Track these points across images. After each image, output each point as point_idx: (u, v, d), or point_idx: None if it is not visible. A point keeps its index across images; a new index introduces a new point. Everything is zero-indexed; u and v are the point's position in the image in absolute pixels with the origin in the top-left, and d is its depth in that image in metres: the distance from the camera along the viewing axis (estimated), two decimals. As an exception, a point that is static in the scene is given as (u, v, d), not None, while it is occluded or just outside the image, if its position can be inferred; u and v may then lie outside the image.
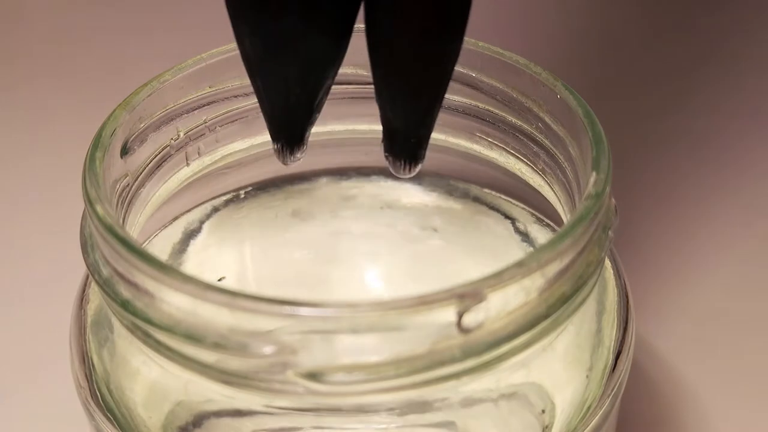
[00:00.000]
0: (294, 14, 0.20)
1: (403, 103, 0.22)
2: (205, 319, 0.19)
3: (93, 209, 0.21)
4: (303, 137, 0.23)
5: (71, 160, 0.29)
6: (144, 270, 0.20)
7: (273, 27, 0.20)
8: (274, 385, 0.19)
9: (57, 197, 0.39)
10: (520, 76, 0.25)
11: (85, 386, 0.23)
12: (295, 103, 0.22)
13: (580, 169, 0.23)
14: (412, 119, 0.22)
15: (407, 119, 0.22)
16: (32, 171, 0.44)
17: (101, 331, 0.23)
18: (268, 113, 0.22)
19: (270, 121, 0.22)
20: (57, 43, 0.51)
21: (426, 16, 0.20)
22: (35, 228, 0.41)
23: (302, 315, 0.18)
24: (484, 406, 0.22)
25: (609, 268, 0.25)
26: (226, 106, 0.26)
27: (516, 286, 0.19)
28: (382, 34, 0.21)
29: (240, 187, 0.29)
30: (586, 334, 0.23)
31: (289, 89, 0.22)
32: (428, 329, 0.19)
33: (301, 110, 0.22)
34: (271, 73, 0.21)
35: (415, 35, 0.20)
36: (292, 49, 0.21)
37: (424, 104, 0.22)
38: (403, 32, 0.20)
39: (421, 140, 0.22)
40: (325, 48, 0.21)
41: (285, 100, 0.22)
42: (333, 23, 0.21)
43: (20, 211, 0.42)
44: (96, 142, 0.23)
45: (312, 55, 0.21)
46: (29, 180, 0.43)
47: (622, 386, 0.23)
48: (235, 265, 0.29)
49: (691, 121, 0.45)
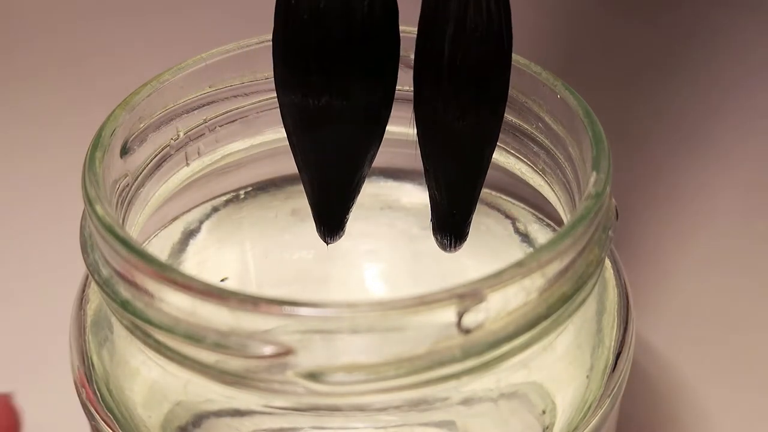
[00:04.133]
0: (333, 112, 0.22)
1: (455, 190, 0.23)
2: (205, 319, 0.19)
3: (93, 209, 0.21)
4: (342, 226, 0.24)
5: (71, 159, 0.29)
6: (144, 270, 0.20)
7: (316, 124, 0.22)
8: (273, 385, 0.19)
9: (57, 197, 0.39)
10: (520, 76, 0.25)
11: (85, 386, 0.23)
12: (335, 196, 0.24)
13: (580, 169, 0.23)
14: (462, 202, 0.24)
15: (458, 202, 0.23)
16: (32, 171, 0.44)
17: (101, 331, 0.23)
18: (312, 204, 0.24)
19: (314, 210, 0.24)
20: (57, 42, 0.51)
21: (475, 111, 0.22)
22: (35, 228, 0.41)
23: (302, 315, 0.18)
24: (485, 406, 0.22)
25: (609, 268, 0.25)
26: (226, 106, 0.26)
27: (516, 286, 0.19)
28: (435, 132, 0.22)
29: (240, 187, 0.29)
30: (586, 334, 0.23)
31: (330, 183, 0.23)
32: (428, 329, 0.19)
33: (341, 202, 0.24)
34: (316, 167, 0.23)
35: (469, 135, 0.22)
36: (332, 144, 0.23)
37: (473, 190, 0.23)
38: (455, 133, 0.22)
39: (468, 219, 0.24)
40: (360, 142, 0.23)
41: (327, 193, 0.24)
42: (368, 119, 0.23)
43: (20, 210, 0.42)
44: (96, 142, 0.23)
45: (348, 150, 0.23)
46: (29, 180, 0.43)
47: (622, 386, 0.23)
48: (234, 265, 0.29)
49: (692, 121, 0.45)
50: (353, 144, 0.23)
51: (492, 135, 0.23)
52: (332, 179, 0.23)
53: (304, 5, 0.21)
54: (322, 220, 0.24)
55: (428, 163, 0.23)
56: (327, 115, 0.22)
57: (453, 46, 0.21)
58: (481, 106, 0.22)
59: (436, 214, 0.24)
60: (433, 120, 0.22)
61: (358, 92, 0.22)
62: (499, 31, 0.21)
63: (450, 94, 0.21)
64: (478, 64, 0.21)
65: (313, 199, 0.24)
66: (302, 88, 0.22)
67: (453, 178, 0.23)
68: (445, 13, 0.21)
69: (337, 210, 0.24)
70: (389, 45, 0.22)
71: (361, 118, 0.22)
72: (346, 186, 0.24)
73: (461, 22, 0.21)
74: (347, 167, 0.23)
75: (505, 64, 0.22)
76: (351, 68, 0.21)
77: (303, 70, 0.22)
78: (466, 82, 0.21)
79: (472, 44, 0.21)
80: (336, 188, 0.24)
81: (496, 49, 0.21)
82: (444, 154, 0.23)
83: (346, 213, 0.24)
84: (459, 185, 0.23)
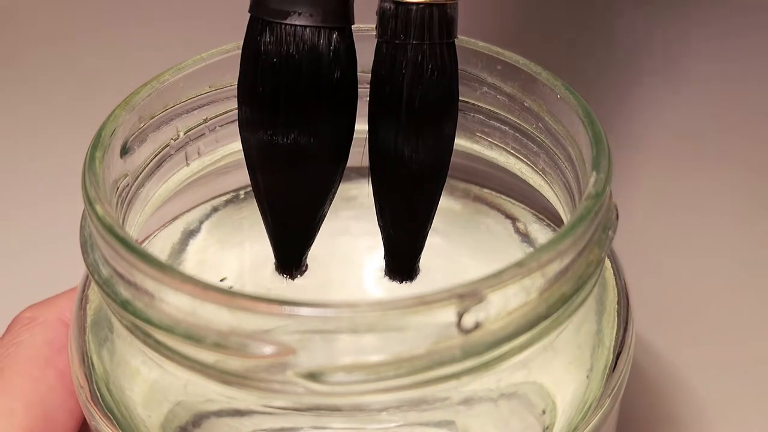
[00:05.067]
0: (301, 150, 0.23)
1: (405, 227, 0.25)
2: (205, 319, 0.19)
3: (92, 209, 0.21)
4: (301, 264, 0.25)
5: (71, 159, 0.29)
6: (143, 270, 0.20)
7: (285, 162, 0.23)
8: (273, 385, 0.19)
9: (57, 197, 0.39)
10: (520, 76, 0.25)
11: (85, 386, 0.23)
12: (296, 229, 0.25)
13: (580, 169, 0.23)
14: (411, 240, 0.25)
15: (407, 241, 0.25)
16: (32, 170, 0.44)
17: (101, 331, 0.23)
18: (273, 242, 0.25)
19: (274, 248, 0.25)
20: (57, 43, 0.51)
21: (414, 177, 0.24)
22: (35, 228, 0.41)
23: (302, 315, 0.18)
24: (485, 406, 0.22)
25: (609, 268, 0.25)
26: (225, 106, 0.26)
27: (516, 286, 0.19)
28: (383, 183, 0.24)
29: (240, 187, 0.29)
30: (586, 334, 0.23)
31: (293, 221, 0.24)
32: (428, 329, 0.19)
33: (301, 240, 0.25)
34: (280, 205, 0.24)
35: (408, 188, 0.24)
36: (299, 182, 0.24)
37: (423, 228, 0.25)
38: (400, 185, 0.24)
39: (416, 257, 0.25)
40: (326, 178, 0.24)
41: (288, 231, 0.25)
42: (334, 155, 0.24)
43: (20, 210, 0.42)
44: (96, 141, 0.23)
45: (311, 183, 0.24)
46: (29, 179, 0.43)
47: (622, 386, 0.23)
48: (234, 265, 0.29)
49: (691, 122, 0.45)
50: (319, 181, 0.24)
51: (442, 171, 0.24)
52: (295, 217, 0.24)
53: (272, 51, 0.22)
54: (281, 258, 0.25)
55: (381, 202, 0.24)
56: (295, 153, 0.23)
57: (410, 88, 0.22)
58: (434, 140, 0.23)
59: (387, 252, 0.25)
60: (389, 156, 0.23)
61: (325, 130, 0.23)
62: (450, 76, 0.23)
63: (408, 130, 0.23)
64: (432, 103, 0.23)
65: (274, 237, 0.25)
66: (271, 127, 0.23)
67: (404, 215, 0.24)
68: (403, 59, 0.22)
69: (297, 248, 0.25)
70: (351, 85, 0.23)
71: (328, 155, 0.23)
72: (308, 224, 0.24)
73: (418, 67, 0.22)
74: (311, 205, 0.24)
75: (454, 106, 0.23)
76: (318, 108, 0.23)
77: (272, 112, 0.23)
78: (422, 120, 0.23)
79: (428, 86, 0.23)
80: (298, 227, 0.24)
81: (449, 91, 0.23)
82: (397, 191, 0.24)
83: (305, 251, 0.25)
84: (409, 223, 0.24)
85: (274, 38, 0.22)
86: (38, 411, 0.24)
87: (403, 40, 0.22)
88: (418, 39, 0.22)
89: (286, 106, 0.23)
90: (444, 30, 0.22)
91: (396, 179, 0.24)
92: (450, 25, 0.22)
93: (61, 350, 0.24)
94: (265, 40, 0.22)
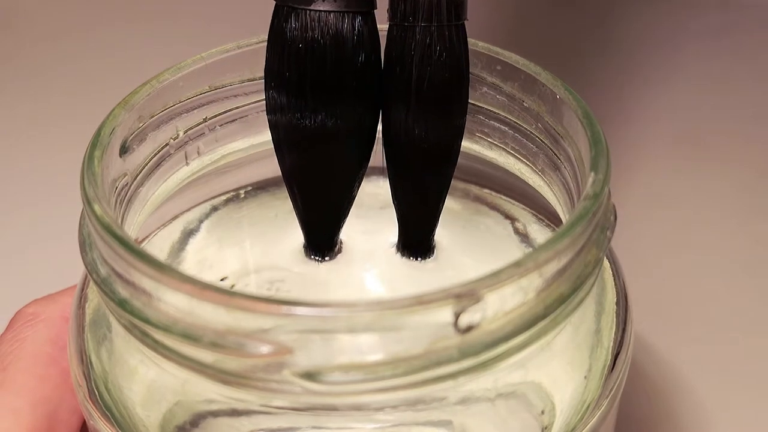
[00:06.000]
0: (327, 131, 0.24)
1: (416, 208, 0.25)
2: (203, 318, 0.19)
3: (91, 208, 0.21)
4: (333, 243, 0.26)
5: (70, 159, 0.29)
6: (141, 269, 0.20)
7: (307, 140, 0.24)
8: (271, 384, 0.19)
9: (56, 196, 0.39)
10: (520, 76, 0.25)
11: (83, 385, 0.23)
12: (326, 211, 0.25)
13: (579, 170, 0.23)
14: (426, 217, 0.26)
15: (422, 218, 0.26)
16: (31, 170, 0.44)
17: (99, 330, 0.23)
18: (302, 221, 0.26)
19: (305, 229, 0.26)
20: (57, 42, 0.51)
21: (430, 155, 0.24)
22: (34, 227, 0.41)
23: (299, 314, 0.18)
24: (482, 406, 0.22)
25: (608, 269, 0.25)
26: (225, 106, 0.26)
27: (513, 286, 0.19)
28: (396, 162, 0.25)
29: (240, 186, 0.29)
30: (584, 335, 0.23)
31: (320, 200, 0.25)
32: (425, 329, 0.19)
33: (330, 219, 0.25)
34: (305, 183, 0.25)
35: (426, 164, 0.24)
36: (324, 160, 0.24)
37: (433, 206, 0.25)
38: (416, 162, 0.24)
39: (431, 232, 0.26)
40: (350, 156, 0.24)
41: (316, 210, 0.25)
42: (357, 134, 0.24)
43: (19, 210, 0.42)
44: (95, 141, 0.23)
45: (338, 164, 0.24)
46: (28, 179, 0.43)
47: (621, 386, 0.23)
48: (234, 265, 0.29)
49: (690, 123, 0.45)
50: (346, 161, 0.24)
51: (453, 150, 0.25)
52: (325, 198, 0.25)
53: (298, 36, 0.23)
54: (312, 241, 0.26)
55: (395, 182, 0.25)
56: (323, 134, 0.24)
57: (419, 69, 0.23)
58: (444, 120, 0.24)
59: (402, 229, 0.26)
60: (401, 136, 0.24)
61: (350, 111, 0.24)
62: (459, 57, 0.23)
63: (418, 110, 0.24)
64: (441, 84, 0.23)
65: (304, 220, 0.25)
66: (298, 110, 0.23)
67: (417, 194, 0.25)
68: (412, 41, 0.23)
69: (328, 230, 0.26)
70: (375, 68, 0.24)
71: (354, 135, 0.24)
72: (338, 205, 0.25)
73: (426, 49, 0.23)
74: (339, 185, 0.25)
75: (464, 86, 0.24)
76: (343, 91, 0.23)
77: (298, 95, 0.23)
78: (432, 101, 0.23)
79: (436, 68, 0.23)
80: (328, 208, 0.25)
81: (458, 72, 0.23)
82: (409, 169, 0.25)
83: (336, 232, 0.26)
84: (422, 202, 0.25)
85: (299, 24, 0.23)
86: (43, 409, 0.24)
87: (411, 23, 0.23)
88: (427, 21, 0.23)
89: (312, 89, 0.23)
90: (452, 12, 0.23)
91: (408, 158, 0.24)
92: (458, 7, 0.23)
93: (65, 348, 0.24)
94: (290, 26, 0.23)
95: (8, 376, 0.24)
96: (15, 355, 0.24)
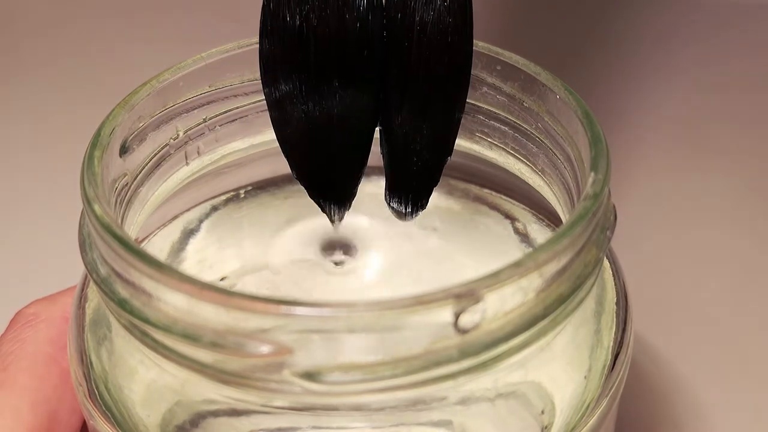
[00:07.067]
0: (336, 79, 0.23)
1: (431, 111, 0.24)
2: (202, 318, 0.19)
3: (91, 208, 0.21)
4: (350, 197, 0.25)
5: (70, 159, 0.29)
6: (141, 269, 0.20)
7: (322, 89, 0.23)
8: (270, 384, 0.19)
9: (56, 196, 0.39)
10: (520, 76, 0.25)
11: (83, 384, 0.23)
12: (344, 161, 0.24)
13: (579, 170, 0.23)
14: (442, 136, 0.24)
15: (437, 140, 0.24)
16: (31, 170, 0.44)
17: (99, 329, 0.23)
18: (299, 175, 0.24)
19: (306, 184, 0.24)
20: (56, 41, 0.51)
21: None
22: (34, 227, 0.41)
23: (299, 314, 0.18)
24: (482, 406, 0.22)
25: (608, 269, 0.25)
26: (225, 106, 0.26)
27: (513, 286, 0.19)
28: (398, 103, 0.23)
29: (239, 186, 0.29)
30: (584, 335, 0.23)
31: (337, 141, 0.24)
32: (425, 329, 0.19)
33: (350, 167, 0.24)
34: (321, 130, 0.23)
35: None
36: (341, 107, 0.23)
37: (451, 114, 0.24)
38: None
39: (441, 162, 0.24)
40: (366, 106, 0.23)
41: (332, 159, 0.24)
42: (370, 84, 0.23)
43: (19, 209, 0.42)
44: (95, 141, 0.23)
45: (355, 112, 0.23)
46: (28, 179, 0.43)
47: (620, 387, 0.23)
48: (234, 265, 0.29)
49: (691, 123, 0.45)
50: (357, 110, 0.23)
51: (458, 96, 0.24)
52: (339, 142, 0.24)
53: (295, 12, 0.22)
54: (328, 193, 0.24)
55: (400, 109, 0.24)
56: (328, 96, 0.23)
57: (422, 14, 0.22)
58: (447, 63, 0.23)
59: (402, 169, 0.24)
60: (403, 78, 0.23)
61: (354, 96, 0.23)
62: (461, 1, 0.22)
63: (420, 56, 0.23)
64: (444, 31, 0.22)
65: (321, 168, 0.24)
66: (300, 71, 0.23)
67: (433, 108, 0.24)
68: None
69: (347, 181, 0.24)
70: (380, 52, 0.23)
71: (360, 99, 0.23)
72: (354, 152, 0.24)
73: None
74: (352, 132, 0.24)
75: (467, 30, 0.23)
76: (347, 79, 0.23)
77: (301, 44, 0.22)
78: (434, 46, 0.23)
79: (439, 13, 0.22)
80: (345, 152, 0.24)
81: (461, 16, 0.23)
82: (412, 112, 0.23)
83: (354, 185, 0.24)
84: (439, 116, 0.24)
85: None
86: (44, 410, 0.24)
87: None
88: None
89: (316, 58, 0.22)
90: None
91: (411, 98, 0.23)
92: None
93: (65, 348, 0.24)
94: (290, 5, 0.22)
95: (9, 376, 0.24)
96: (15, 355, 0.24)
